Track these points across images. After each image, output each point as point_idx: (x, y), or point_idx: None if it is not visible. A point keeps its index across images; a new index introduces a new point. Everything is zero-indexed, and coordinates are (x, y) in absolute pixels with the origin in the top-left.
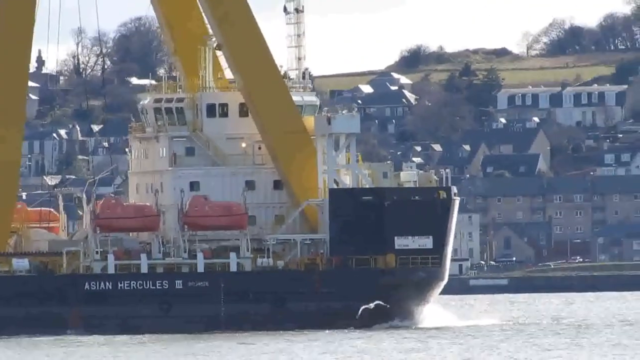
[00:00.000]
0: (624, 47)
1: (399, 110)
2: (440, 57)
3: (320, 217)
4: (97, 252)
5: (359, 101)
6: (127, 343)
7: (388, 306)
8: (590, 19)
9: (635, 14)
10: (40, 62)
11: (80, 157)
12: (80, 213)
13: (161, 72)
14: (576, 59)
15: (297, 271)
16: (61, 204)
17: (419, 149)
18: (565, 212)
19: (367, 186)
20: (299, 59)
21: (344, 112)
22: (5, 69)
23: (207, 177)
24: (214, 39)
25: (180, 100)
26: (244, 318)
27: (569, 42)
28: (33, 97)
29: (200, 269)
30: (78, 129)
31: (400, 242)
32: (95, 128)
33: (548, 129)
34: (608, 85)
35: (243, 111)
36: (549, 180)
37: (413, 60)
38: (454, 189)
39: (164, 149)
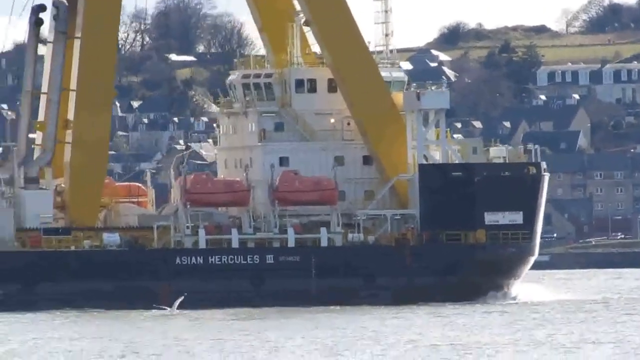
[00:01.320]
0: None
1: None
2: (479, 34)
3: (410, 192)
4: (187, 227)
5: None
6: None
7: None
8: None
9: None
10: None
11: (120, 133)
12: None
13: (200, 48)
14: (616, 36)
15: (388, 246)
16: (149, 179)
17: (459, 125)
18: (606, 189)
19: (457, 162)
20: (387, 35)
21: (432, 87)
22: (94, 48)
23: (297, 153)
24: (301, 15)
25: (268, 75)
26: (334, 293)
27: (609, 19)
28: None
29: (292, 243)
30: (117, 105)
31: (490, 218)
32: (135, 104)
33: (588, 106)
34: None
35: (332, 87)
36: (590, 157)
37: (452, 37)
38: (544, 165)
39: (253, 124)
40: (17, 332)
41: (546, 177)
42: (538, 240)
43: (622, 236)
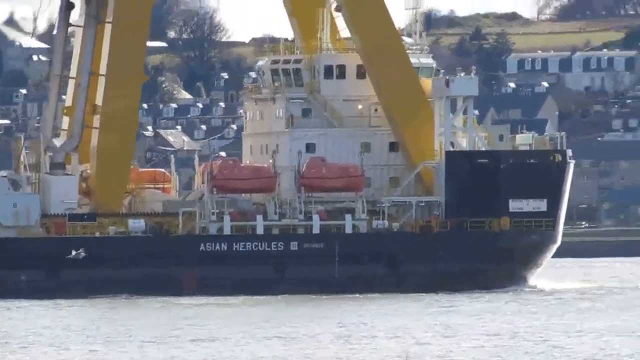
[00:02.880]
0: (634, 12)
1: None
2: (451, 20)
3: (436, 179)
4: (213, 213)
5: None
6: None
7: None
8: None
9: None
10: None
11: None
12: None
13: (172, 34)
14: (586, 24)
15: (413, 233)
16: (173, 165)
17: None
18: (572, 177)
19: (483, 149)
20: (417, 21)
21: (461, 74)
22: (125, 32)
23: (324, 139)
24: (332, 1)
25: (297, 61)
26: (358, 280)
27: (580, 7)
28: (43, 58)
29: (316, 230)
30: None
31: (514, 205)
32: None
33: (557, 94)
34: (617, 50)
35: (360, 73)
36: None
37: (424, 23)
38: (569, 152)
39: (281, 110)
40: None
41: (571, 164)
42: (561, 228)
43: (587, 225)
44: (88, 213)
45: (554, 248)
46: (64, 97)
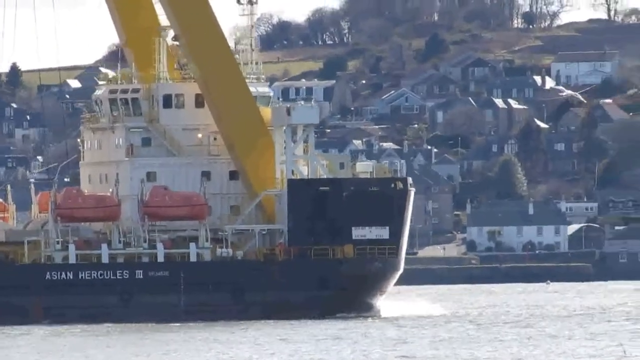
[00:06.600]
0: (332, 42)
1: None
2: None
3: (278, 207)
4: (58, 242)
5: (67, 96)
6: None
7: None
8: (298, 14)
9: (344, 9)
10: None
11: None
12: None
13: None
14: (284, 54)
15: (256, 261)
16: (10, 194)
17: None
18: None
19: (325, 177)
20: (253, 49)
21: (301, 103)
22: None
23: (164, 168)
24: (167, 30)
25: (135, 90)
26: (203, 308)
27: (277, 37)
28: None
29: (161, 259)
30: None
31: (357, 233)
32: None
33: None
34: (316, 80)
35: (199, 102)
36: None
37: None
38: (410, 180)
39: (120, 139)
40: None
41: (412, 192)
42: (403, 255)
43: None
44: None
45: (397, 275)
46: None
